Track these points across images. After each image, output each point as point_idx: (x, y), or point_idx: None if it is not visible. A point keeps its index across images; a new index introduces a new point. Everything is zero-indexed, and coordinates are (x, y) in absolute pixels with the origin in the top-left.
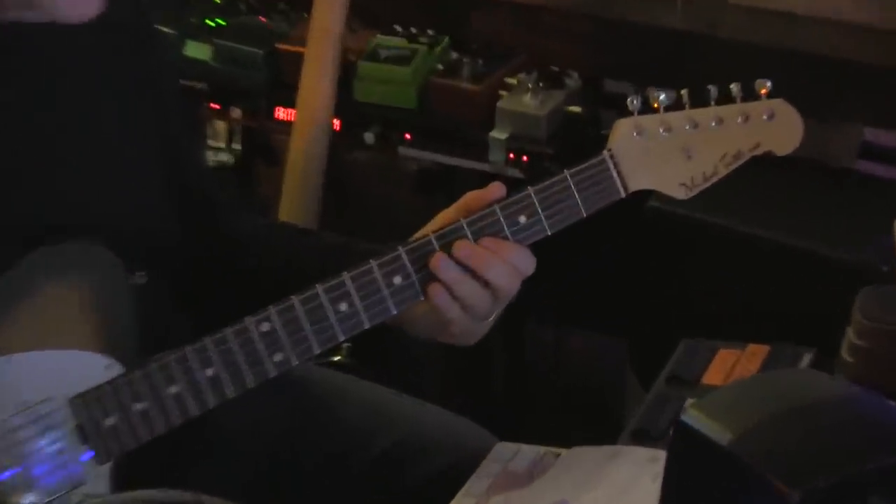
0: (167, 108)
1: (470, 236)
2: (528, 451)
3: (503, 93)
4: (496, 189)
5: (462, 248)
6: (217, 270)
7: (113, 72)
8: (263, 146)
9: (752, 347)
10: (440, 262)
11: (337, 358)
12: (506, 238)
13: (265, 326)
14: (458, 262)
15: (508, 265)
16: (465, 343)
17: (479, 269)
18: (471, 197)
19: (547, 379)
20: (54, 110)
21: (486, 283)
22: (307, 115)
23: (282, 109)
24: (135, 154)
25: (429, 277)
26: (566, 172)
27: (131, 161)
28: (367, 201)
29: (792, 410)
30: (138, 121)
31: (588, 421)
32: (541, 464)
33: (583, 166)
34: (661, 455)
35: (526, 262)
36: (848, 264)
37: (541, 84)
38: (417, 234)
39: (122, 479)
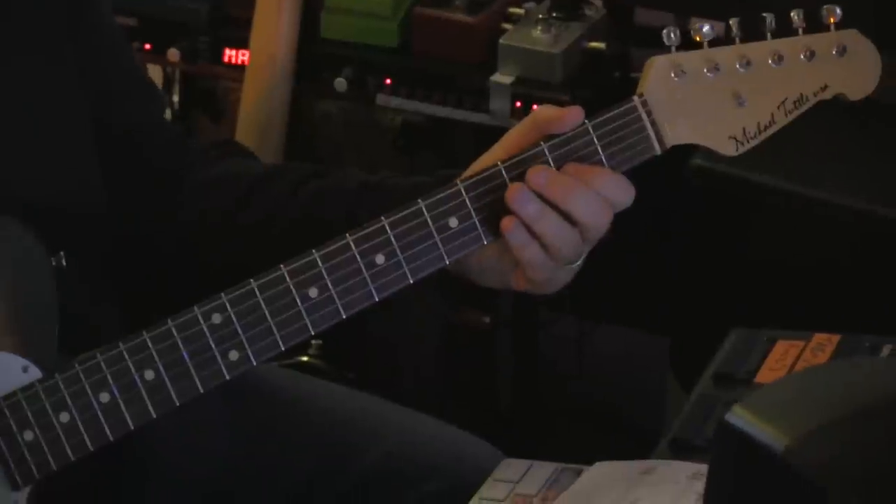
0: (97, 53)
1: (552, 163)
2: (542, 469)
3: (507, 26)
4: (574, 116)
5: (539, 175)
6: (174, 247)
7: (28, 12)
8: (207, 96)
9: (818, 337)
10: (517, 194)
11: (304, 358)
12: (599, 163)
13: (217, 318)
14: (538, 193)
15: (597, 196)
16: (544, 291)
17: (563, 200)
18: (544, 116)
19: (566, 383)
20: None
21: (571, 219)
22: (262, 58)
23: (230, 50)
24: (51, 112)
25: (495, 216)
26: (587, 123)
27: (47, 120)
28: (339, 164)
29: (864, 410)
30: (56, 73)
31: (617, 434)
32: (557, 483)
33: (608, 115)
34: (706, 470)
35: (620, 192)
36: None
37: (554, 14)
38: (481, 161)
39: None
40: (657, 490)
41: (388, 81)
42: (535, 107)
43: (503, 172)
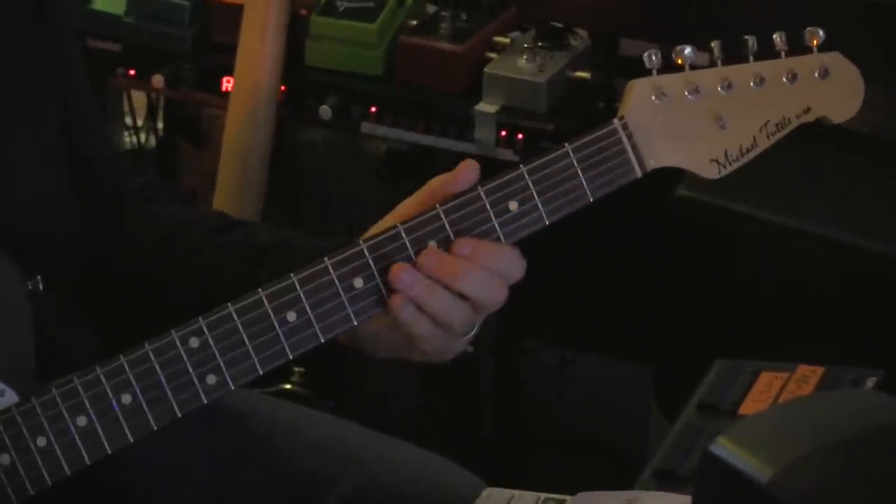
0: (68, 70)
1: (448, 227)
2: (524, 499)
3: (492, 55)
4: (468, 171)
5: (429, 258)
6: (127, 275)
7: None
8: (191, 123)
9: (802, 369)
10: (401, 276)
11: (287, 386)
12: (492, 229)
13: (195, 342)
14: (427, 274)
15: (488, 272)
16: (439, 361)
17: (452, 282)
18: (438, 182)
19: (549, 412)
20: None
21: (460, 294)
22: (247, 84)
23: (214, 77)
24: (26, 128)
25: (367, 294)
26: (567, 146)
27: (22, 136)
28: (322, 192)
29: (847, 441)
30: (31, 96)
31: (600, 464)
32: None
33: (588, 138)
34: (689, 501)
35: (511, 266)
36: None
37: (539, 44)
38: (377, 226)
39: None
40: None
41: (373, 109)
42: (519, 136)
43: (402, 234)
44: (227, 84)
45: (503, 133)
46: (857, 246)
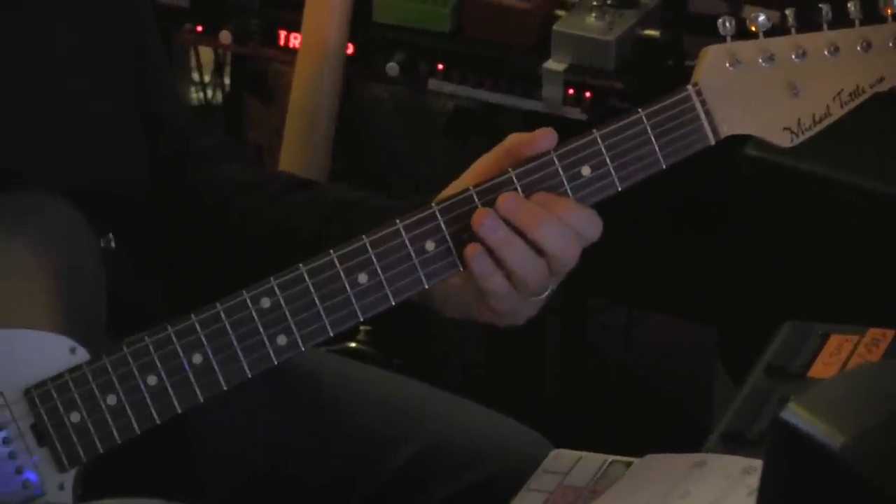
0: (140, 38)
1: (520, 191)
2: (591, 461)
3: (560, 12)
4: (546, 138)
5: (508, 202)
6: (196, 234)
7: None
8: (258, 79)
9: (873, 332)
10: (484, 220)
11: (353, 344)
12: (565, 194)
13: (265, 302)
14: (505, 220)
15: (567, 227)
16: (510, 324)
17: (530, 228)
18: (515, 141)
19: (615, 373)
20: None
21: (538, 249)
22: (314, 41)
23: (282, 33)
24: (102, 88)
25: (469, 240)
26: (641, 112)
27: (97, 95)
28: (388, 149)
29: None
30: (105, 55)
31: (666, 425)
32: (607, 476)
33: (662, 104)
34: (758, 465)
35: (589, 226)
36: None
37: (608, 1)
38: (451, 188)
39: (88, 491)
40: (708, 484)
41: (440, 66)
42: (587, 94)
43: (474, 197)
44: (295, 40)
45: (571, 91)
46: None
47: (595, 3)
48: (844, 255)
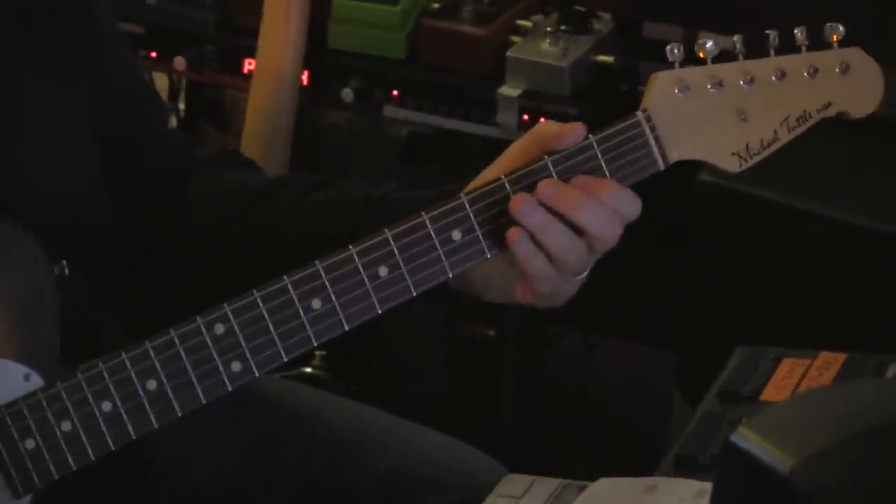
0: (101, 59)
1: (555, 177)
2: (545, 485)
3: (515, 38)
4: (574, 133)
5: (548, 187)
6: (170, 254)
7: (32, 9)
8: (213, 105)
9: (824, 356)
10: (522, 206)
11: (308, 369)
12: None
13: (219, 328)
14: (545, 205)
15: (607, 208)
16: (550, 305)
17: (571, 211)
18: (543, 130)
19: (571, 398)
20: None
21: (579, 231)
22: (270, 67)
23: (237, 60)
24: (56, 120)
25: (498, 230)
26: (591, 138)
27: (51, 128)
28: (344, 175)
29: (869, 431)
30: (60, 80)
31: (622, 450)
32: (561, 499)
33: (611, 130)
34: (710, 488)
35: (629, 204)
36: None
37: (562, 27)
38: (480, 178)
39: None
40: None
41: (396, 93)
42: (542, 120)
43: (507, 186)
44: (250, 66)
45: (526, 117)
46: (881, 232)
47: (549, 29)
48: (797, 278)
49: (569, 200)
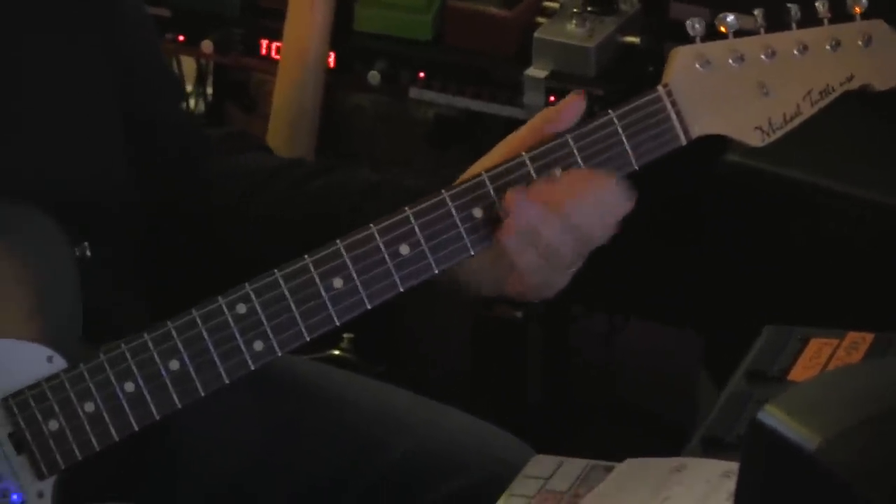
0: (125, 40)
1: (534, 175)
2: (573, 466)
3: (541, 19)
4: (573, 105)
5: (540, 184)
6: (191, 234)
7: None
8: (240, 88)
9: (852, 336)
10: (515, 200)
11: (335, 352)
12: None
13: (241, 308)
14: (538, 200)
15: (600, 202)
16: (541, 297)
17: (564, 207)
18: (543, 117)
19: (597, 378)
20: None
21: (570, 224)
22: (296, 50)
23: (263, 42)
24: (79, 100)
25: (481, 226)
26: (612, 113)
27: (74, 108)
28: (370, 157)
29: None
30: (84, 60)
31: (648, 431)
32: (588, 481)
33: (632, 105)
34: (738, 468)
35: (622, 198)
36: None
37: (589, 8)
38: (468, 173)
39: (67, 498)
40: (688, 488)
41: (422, 75)
42: None
43: (486, 182)
44: (277, 49)
45: (552, 98)
46: None
47: (576, 10)
48: (825, 258)
49: (561, 196)
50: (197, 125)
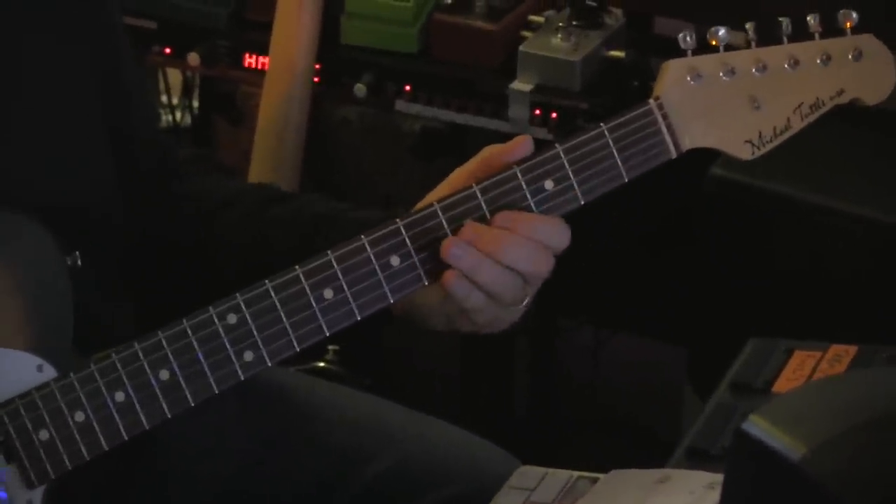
0: (112, 48)
1: (484, 206)
2: (558, 477)
3: (526, 33)
4: (522, 145)
5: (469, 231)
6: (169, 250)
7: (38, 11)
8: (227, 100)
9: (835, 348)
10: (451, 250)
11: (321, 363)
12: (528, 208)
13: (232, 318)
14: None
15: (533, 242)
16: (493, 331)
17: (497, 254)
18: (492, 152)
19: (582, 392)
20: None
21: (507, 265)
22: (282, 62)
23: (250, 55)
24: (69, 106)
25: (433, 255)
26: (603, 126)
27: (64, 114)
28: (357, 169)
29: (883, 420)
30: (73, 71)
31: (634, 443)
32: (573, 491)
33: (623, 118)
34: (722, 480)
35: (557, 236)
36: None
37: (574, 22)
38: (422, 203)
39: None
40: (672, 499)
41: (408, 88)
42: (553, 115)
43: (438, 212)
44: (263, 62)
45: (537, 112)
46: (890, 224)
47: (561, 24)
48: (809, 272)
49: (492, 242)
50: (168, 144)
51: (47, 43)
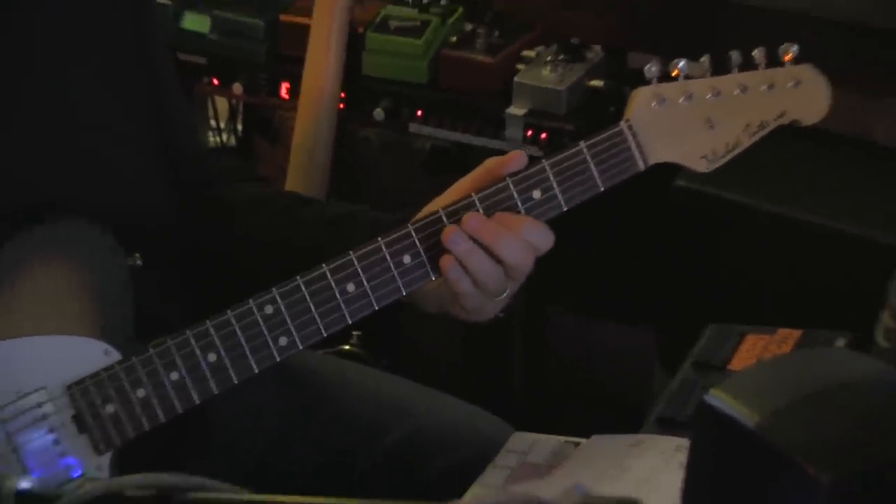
0: (159, 76)
1: (482, 212)
2: (547, 442)
3: (520, 66)
4: (517, 158)
5: (471, 221)
6: (213, 251)
7: (98, 34)
8: (266, 123)
9: (782, 332)
10: (451, 236)
11: (346, 347)
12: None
13: (269, 309)
14: (471, 236)
15: (522, 240)
16: (477, 319)
17: (490, 243)
18: (493, 163)
19: (569, 369)
20: (32, 76)
21: (498, 259)
22: (313, 91)
23: (286, 85)
24: (126, 126)
25: (440, 254)
26: (582, 144)
27: (123, 133)
28: (376, 181)
29: (825, 391)
30: (128, 90)
31: (612, 413)
32: (560, 454)
33: (599, 137)
34: (688, 443)
35: (541, 238)
36: (885, 246)
37: (560, 57)
38: (427, 208)
39: (121, 471)
40: (645, 460)
41: (419, 112)
42: (543, 135)
43: (443, 218)
44: (297, 90)
45: (530, 132)
46: (827, 227)
47: (549, 59)
48: (759, 267)
49: (489, 233)
50: (210, 159)
51: (107, 62)
